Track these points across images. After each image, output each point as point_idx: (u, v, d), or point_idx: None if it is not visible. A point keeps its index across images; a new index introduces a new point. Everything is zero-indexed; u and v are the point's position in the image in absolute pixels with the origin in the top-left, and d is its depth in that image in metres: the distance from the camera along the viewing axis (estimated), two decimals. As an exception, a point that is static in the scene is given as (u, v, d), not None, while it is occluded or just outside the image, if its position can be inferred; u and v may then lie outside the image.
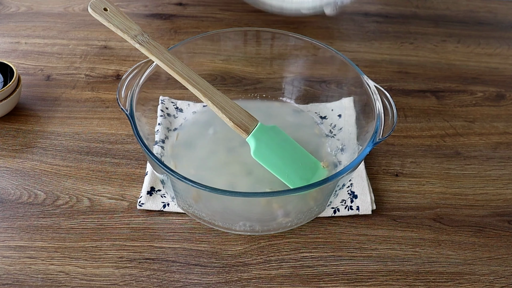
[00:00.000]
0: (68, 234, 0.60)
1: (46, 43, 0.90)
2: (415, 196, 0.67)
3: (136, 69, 0.62)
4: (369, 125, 0.61)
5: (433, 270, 0.59)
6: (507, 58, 0.93)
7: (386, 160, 0.71)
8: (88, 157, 0.70)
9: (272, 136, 0.61)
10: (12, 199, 0.64)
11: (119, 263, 0.58)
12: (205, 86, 0.58)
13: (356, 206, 0.63)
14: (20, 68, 0.84)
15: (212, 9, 1.01)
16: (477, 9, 1.06)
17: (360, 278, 0.57)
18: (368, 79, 0.63)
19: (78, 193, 0.65)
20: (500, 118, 0.80)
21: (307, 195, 0.56)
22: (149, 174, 0.66)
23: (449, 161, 0.72)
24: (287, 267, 0.58)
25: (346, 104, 0.72)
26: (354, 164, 0.53)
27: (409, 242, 0.61)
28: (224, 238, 0.61)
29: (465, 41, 0.97)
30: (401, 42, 0.95)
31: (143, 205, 0.63)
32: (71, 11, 0.99)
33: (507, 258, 0.61)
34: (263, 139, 0.60)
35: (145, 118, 0.66)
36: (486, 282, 0.58)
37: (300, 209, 0.58)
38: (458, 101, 0.83)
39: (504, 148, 0.75)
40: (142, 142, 0.54)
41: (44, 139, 0.72)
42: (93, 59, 0.87)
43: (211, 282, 0.56)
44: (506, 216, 0.65)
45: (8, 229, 0.61)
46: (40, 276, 0.56)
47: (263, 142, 0.60)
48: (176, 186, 0.56)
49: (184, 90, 0.60)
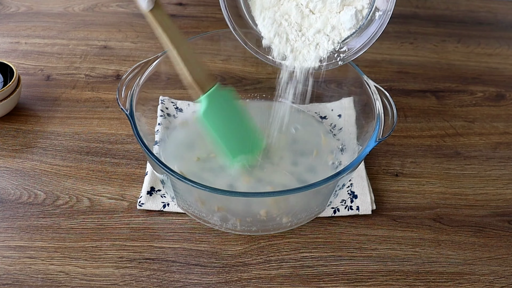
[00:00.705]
0: (68, 234, 0.60)
1: (46, 43, 0.90)
2: (415, 196, 0.67)
3: (136, 69, 0.62)
4: (369, 125, 0.61)
5: (433, 270, 0.59)
6: (507, 58, 0.93)
7: (386, 160, 0.71)
8: (88, 157, 0.70)
9: (225, 101, 0.60)
10: (12, 199, 0.64)
11: (119, 263, 0.58)
12: (175, 33, 0.56)
13: (356, 206, 0.63)
14: (20, 68, 0.84)
15: (212, 9, 1.01)
16: (477, 9, 1.06)
17: (360, 278, 0.57)
18: (368, 79, 0.63)
19: (78, 193, 0.65)
20: (500, 118, 0.80)
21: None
22: (149, 174, 0.66)
23: (449, 161, 0.72)
24: (287, 267, 0.58)
25: (346, 104, 0.72)
26: (354, 164, 0.53)
27: (409, 242, 0.61)
28: (224, 238, 0.61)
29: (465, 41, 0.97)
30: (401, 42, 0.95)
31: (143, 205, 0.63)
32: (71, 11, 0.99)
33: (507, 258, 0.61)
34: (216, 101, 0.59)
35: (145, 118, 0.66)
36: (486, 282, 0.58)
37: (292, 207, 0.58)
38: (458, 101, 0.83)
39: (504, 148, 0.75)
40: (142, 142, 0.54)
41: (44, 139, 0.72)
42: (93, 59, 0.87)
43: (211, 282, 0.56)
44: (506, 216, 0.65)
45: (8, 229, 0.61)
46: (40, 276, 0.56)
47: (215, 105, 0.59)
48: (176, 186, 0.56)
49: (184, 90, 0.60)
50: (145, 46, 0.91)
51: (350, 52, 0.55)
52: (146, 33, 0.94)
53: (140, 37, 0.93)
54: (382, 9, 0.52)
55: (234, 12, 0.57)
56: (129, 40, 0.92)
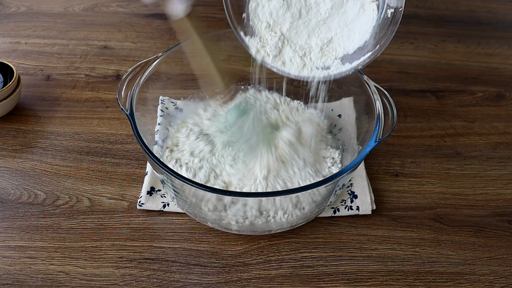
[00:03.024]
0: (68, 234, 0.60)
1: (46, 43, 0.90)
2: (415, 196, 0.67)
3: (136, 69, 0.62)
4: (369, 125, 0.61)
5: (433, 270, 0.59)
6: (507, 58, 0.93)
7: (386, 160, 0.71)
8: (88, 157, 0.70)
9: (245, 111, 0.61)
10: (12, 199, 0.64)
11: (119, 263, 0.58)
12: (207, 38, 0.57)
13: (356, 206, 0.63)
14: (20, 68, 0.84)
15: (212, 9, 1.01)
16: (477, 9, 1.06)
17: (360, 278, 0.57)
18: (368, 79, 0.63)
19: (78, 193, 0.65)
20: (500, 118, 0.80)
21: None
22: (149, 174, 0.66)
23: (449, 161, 0.72)
24: (287, 267, 0.58)
25: (346, 104, 0.72)
26: (354, 164, 0.53)
27: (409, 242, 0.61)
28: (224, 238, 0.61)
29: (465, 41, 0.97)
30: (401, 42, 0.95)
31: (143, 205, 0.63)
32: (71, 11, 0.99)
33: (507, 258, 0.61)
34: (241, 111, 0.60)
35: (145, 118, 0.66)
36: (486, 282, 0.58)
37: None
38: (458, 101, 0.83)
39: (504, 148, 0.75)
40: (142, 142, 0.54)
41: (44, 139, 0.72)
42: (93, 59, 0.87)
43: (211, 282, 0.56)
44: (506, 216, 0.65)
45: (8, 229, 0.61)
46: (40, 276, 0.56)
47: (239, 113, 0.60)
48: (176, 186, 0.56)
49: (184, 90, 0.60)
50: (145, 46, 0.91)
51: (367, 55, 0.56)
52: (146, 33, 0.94)
53: (140, 37, 0.93)
54: (393, 6, 0.53)
55: (236, 11, 0.57)
56: (129, 40, 0.92)
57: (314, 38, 0.58)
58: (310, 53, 0.58)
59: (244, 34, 0.58)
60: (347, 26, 0.57)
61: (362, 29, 0.56)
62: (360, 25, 0.56)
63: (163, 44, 0.91)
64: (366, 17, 0.55)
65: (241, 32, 0.58)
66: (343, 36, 0.57)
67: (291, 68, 0.58)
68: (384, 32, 0.54)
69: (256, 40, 0.58)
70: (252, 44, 0.58)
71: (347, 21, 0.56)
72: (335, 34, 0.57)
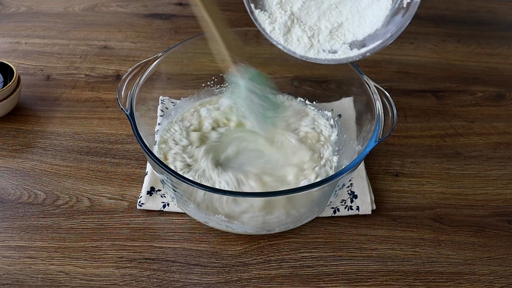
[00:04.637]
0: (68, 234, 0.60)
1: (46, 43, 0.90)
2: (415, 196, 0.67)
3: (136, 69, 0.62)
4: (369, 125, 0.61)
5: (433, 270, 0.59)
6: (507, 58, 0.93)
7: (386, 160, 0.71)
8: (88, 157, 0.70)
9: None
10: (12, 199, 0.64)
11: (119, 263, 0.58)
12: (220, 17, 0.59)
13: (356, 206, 0.63)
14: (20, 68, 0.84)
15: (212, 9, 1.01)
16: (477, 9, 1.06)
17: (360, 278, 0.57)
18: (368, 79, 0.63)
19: (78, 193, 0.65)
20: (500, 118, 0.80)
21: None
22: (149, 174, 0.66)
23: (449, 161, 0.72)
24: (287, 267, 0.58)
25: (346, 104, 0.72)
26: (354, 164, 0.53)
27: (409, 242, 0.61)
28: (224, 238, 0.61)
29: (465, 41, 0.97)
30: (401, 42, 0.95)
31: (143, 205, 0.63)
32: (71, 11, 0.99)
33: (507, 258, 0.61)
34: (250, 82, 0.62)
35: (145, 118, 0.66)
36: (486, 282, 0.58)
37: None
38: (458, 101, 0.83)
39: (504, 148, 0.75)
40: (142, 142, 0.54)
41: (44, 139, 0.72)
42: (93, 59, 0.87)
43: (211, 282, 0.56)
44: (506, 216, 0.65)
45: (8, 229, 0.61)
46: (40, 276, 0.56)
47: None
48: (176, 186, 0.56)
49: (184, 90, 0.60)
50: (145, 46, 0.91)
51: (377, 42, 0.55)
52: (146, 33, 0.94)
53: (140, 37, 0.93)
54: None
55: None
56: (129, 40, 0.92)
57: (324, 21, 0.57)
58: (319, 35, 0.57)
59: (254, 6, 0.58)
60: (359, 13, 0.56)
61: (374, 17, 0.55)
62: (373, 13, 0.55)
63: (163, 44, 0.91)
64: (380, 5, 0.54)
65: (252, 4, 0.58)
66: (354, 23, 0.56)
67: (298, 47, 0.58)
68: (397, 21, 0.54)
69: (266, 15, 0.58)
70: (261, 18, 0.58)
71: (360, 8, 0.56)
72: (346, 20, 0.57)
